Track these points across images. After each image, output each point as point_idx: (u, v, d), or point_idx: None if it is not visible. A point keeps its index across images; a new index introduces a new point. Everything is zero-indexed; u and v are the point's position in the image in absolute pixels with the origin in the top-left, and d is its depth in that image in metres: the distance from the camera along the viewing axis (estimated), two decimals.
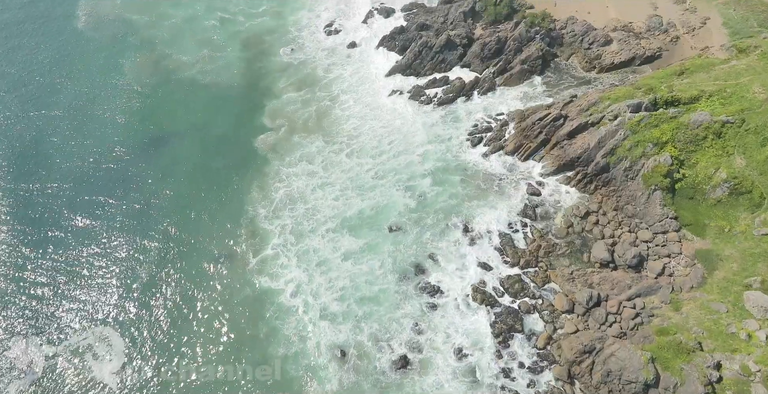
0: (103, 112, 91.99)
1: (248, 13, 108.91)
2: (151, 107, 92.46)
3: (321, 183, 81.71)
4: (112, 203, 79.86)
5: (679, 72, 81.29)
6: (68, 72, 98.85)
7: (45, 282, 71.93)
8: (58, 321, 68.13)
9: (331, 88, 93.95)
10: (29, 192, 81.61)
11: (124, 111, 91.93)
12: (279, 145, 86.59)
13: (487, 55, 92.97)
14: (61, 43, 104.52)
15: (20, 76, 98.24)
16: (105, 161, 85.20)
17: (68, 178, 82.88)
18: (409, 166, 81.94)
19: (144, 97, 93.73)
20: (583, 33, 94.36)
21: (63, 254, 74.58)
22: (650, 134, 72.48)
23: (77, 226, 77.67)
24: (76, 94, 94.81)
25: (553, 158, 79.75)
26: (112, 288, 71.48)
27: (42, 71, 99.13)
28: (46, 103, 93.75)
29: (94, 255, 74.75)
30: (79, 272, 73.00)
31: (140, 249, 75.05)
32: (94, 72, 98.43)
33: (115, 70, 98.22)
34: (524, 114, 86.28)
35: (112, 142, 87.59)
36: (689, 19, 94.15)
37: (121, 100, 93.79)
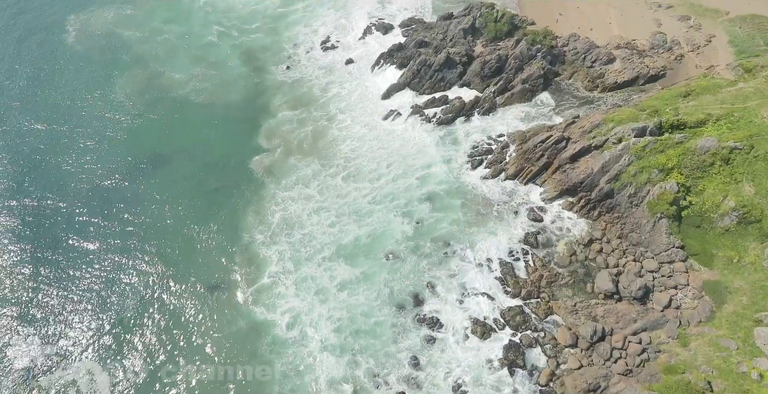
0: (92, 132, 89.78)
1: (243, 28, 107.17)
2: (142, 127, 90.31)
3: (317, 208, 79.66)
4: (102, 226, 77.74)
5: (685, 94, 79.32)
6: (57, 89, 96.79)
7: (30, 306, 69.48)
8: (36, 351, 65.54)
9: (328, 107, 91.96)
10: (10, 214, 78.83)
11: (114, 131, 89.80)
12: (275, 167, 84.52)
13: (487, 73, 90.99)
14: (50, 58, 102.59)
15: (4, 92, 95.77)
16: (94, 183, 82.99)
17: (54, 202, 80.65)
18: (408, 190, 79.82)
19: (135, 116, 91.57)
20: (586, 51, 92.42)
21: (49, 278, 72.27)
22: (656, 160, 70.44)
23: (64, 249, 75.33)
24: (63, 113, 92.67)
25: (555, 183, 77.68)
26: (97, 315, 69.10)
27: (29, 88, 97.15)
28: (30, 122, 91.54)
29: (80, 281, 72.35)
30: (65, 297, 70.72)
31: (129, 276, 72.88)
32: (84, 90, 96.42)
33: (106, 88, 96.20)
34: (525, 135, 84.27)
35: (100, 163, 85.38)
36: (694, 36, 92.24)
37: (111, 119, 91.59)
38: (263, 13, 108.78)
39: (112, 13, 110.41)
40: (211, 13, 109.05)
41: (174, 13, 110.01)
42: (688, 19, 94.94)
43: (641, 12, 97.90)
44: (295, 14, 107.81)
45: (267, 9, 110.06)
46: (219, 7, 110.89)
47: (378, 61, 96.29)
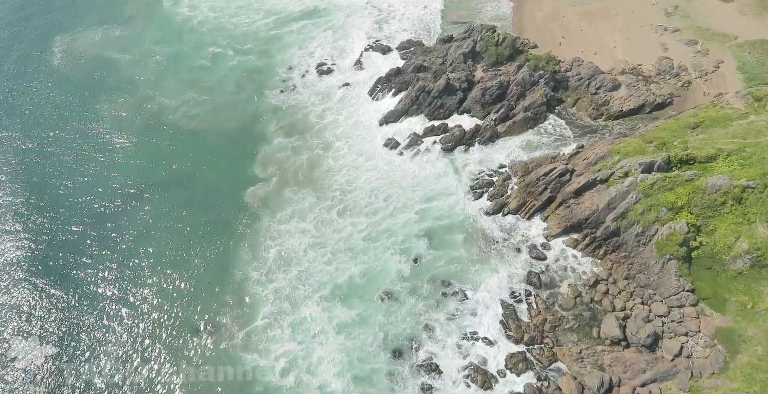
0: (76, 160, 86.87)
1: (237, 49, 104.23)
2: (130, 155, 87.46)
3: (313, 243, 76.83)
4: (83, 264, 74.63)
5: (693, 125, 76.59)
6: (40, 115, 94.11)
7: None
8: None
9: (323, 134, 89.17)
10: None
11: (99, 160, 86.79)
12: (270, 199, 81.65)
13: (488, 100, 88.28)
14: (35, 82, 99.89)
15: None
16: (76, 216, 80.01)
17: (32, 238, 77.51)
18: (406, 225, 77.05)
19: (122, 144, 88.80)
20: (590, 77, 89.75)
21: (27, 322, 68.97)
22: (664, 198, 67.66)
23: (42, 292, 72.13)
24: (46, 141, 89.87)
25: (559, 219, 74.86)
26: (75, 365, 65.81)
27: (11, 113, 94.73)
28: (9, 151, 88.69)
29: (59, 323, 69.32)
30: (43, 344, 67.31)
31: (111, 318, 69.76)
32: (69, 116, 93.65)
33: (93, 114, 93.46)
34: (528, 167, 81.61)
35: (82, 193, 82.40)
36: (701, 62, 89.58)
37: (97, 147, 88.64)
38: (256, 35, 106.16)
39: (100, 34, 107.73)
40: (206, 34, 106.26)
41: (165, 34, 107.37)
42: (696, 44, 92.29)
43: (647, 35, 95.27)
44: (289, 36, 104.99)
45: (260, 30, 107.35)
46: (212, 26, 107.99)
47: (375, 86, 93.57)
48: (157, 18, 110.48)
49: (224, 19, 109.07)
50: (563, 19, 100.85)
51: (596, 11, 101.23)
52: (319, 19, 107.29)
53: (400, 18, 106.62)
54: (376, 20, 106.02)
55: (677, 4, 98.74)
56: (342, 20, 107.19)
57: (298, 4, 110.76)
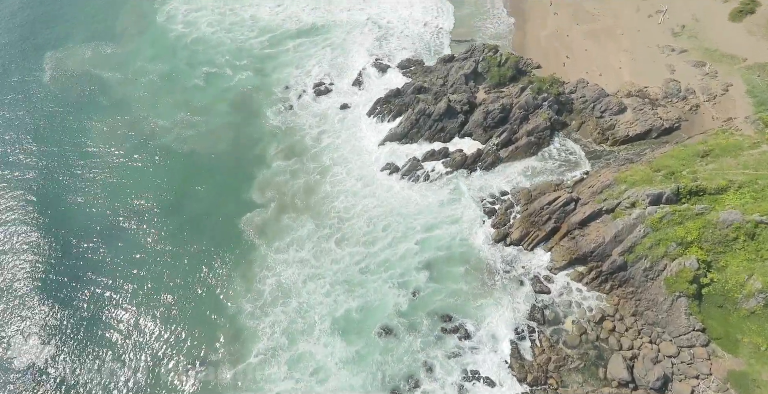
0: (65, 184, 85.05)
1: (233, 69, 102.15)
2: (121, 179, 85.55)
3: (312, 274, 74.78)
4: (66, 298, 72.63)
5: (703, 153, 74.42)
6: (28, 135, 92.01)
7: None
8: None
9: (321, 158, 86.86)
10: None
11: (87, 183, 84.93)
12: (268, 227, 79.49)
13: (490, 124, 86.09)
14: (24, 100, 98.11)
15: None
16: (63, 245, 78.11)
17: (13, 262, 75.01)
18: (405, 257, 74.89)
19: (113, 167, 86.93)
20: (595, 99, 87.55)
21: (13, 364, 66.67)
22: (673, 233, 65.40)
23: (22, 333, 69.66)
24: (32, 162, 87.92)
25: (563, 251, 72.60)
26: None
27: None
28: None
29: (39, 364, 66.80)
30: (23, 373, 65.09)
31: (92, 357, 67.31)
32: (57, 137, 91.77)
33: (82, 135, 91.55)
34: (531, 194, 79.39)
35: (72, 220, 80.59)
36: (710, 84, 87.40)
37: (85, 170, 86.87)
38: (251, 53, 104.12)
39: (91, 51, 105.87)
40: (200, 52, 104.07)
41: (158, 51, 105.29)
42: (703, 66, 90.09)
43: (653, 56, 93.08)
44: (286, 54, 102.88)
45: (255, 48, 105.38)
46: (207, 44, 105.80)
47: (374, 107, 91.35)
48: (150, 34, 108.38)
49: (219, 36, 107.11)
50: (567, 38, 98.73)
51: (601, 30, 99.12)
52: (317, 36, 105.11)
53: (400, 36, 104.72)
54: (376, 37, 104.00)
55: (684, 23, 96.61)
56: (341, 38, 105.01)
57: (294, 22, 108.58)
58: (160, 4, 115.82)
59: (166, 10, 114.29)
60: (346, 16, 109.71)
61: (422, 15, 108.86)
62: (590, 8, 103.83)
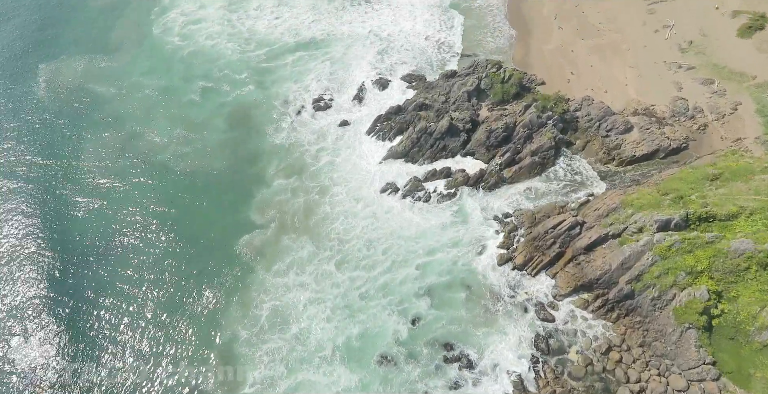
0: (55, 202, 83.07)
1: (230, 83, 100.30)
2: (113, 198, 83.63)
3: (313, 298, 72.74)
4: (53, 323, 70.47)
5: (712, 177, 72.65)
6: (20, 151, 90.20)
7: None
8: None
9: (319, 177, 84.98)
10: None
11: (79, 202, 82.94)
12: (267, 249, 77.35)
13: (493, 143, 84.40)
14: (18, 112, 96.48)
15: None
16: (48, 264, 76.04)
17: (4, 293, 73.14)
18: (405, 282, 73.13)
19: (106, 185, 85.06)
20: (601, 118, 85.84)
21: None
22: (683, 261, 63.65)
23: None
24: (26, 180, 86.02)
25: (568, 277, 70.84)
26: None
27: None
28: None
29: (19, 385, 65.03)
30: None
31: (79, 380, 65.27)
32: (52, 154, 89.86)
33: (75, 151, 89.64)
34: (535, 217, 77.58)
35: (60, 239, 78.62)
36: (718, 103, 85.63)
37: (77, 187, 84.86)
38: (249, 67, 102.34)
39: (84, 64, 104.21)
40: (196, 66, 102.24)
41: (153, 65, 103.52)
42: (712, 83, 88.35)
43: (660, 73, 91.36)
44: (284, 69, 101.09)
45: (253, 62, 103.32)
46: (204, 58, 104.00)
47: (374, 125, 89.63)
48: (145, 47, 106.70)
49: (217, 49, 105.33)
50: (572, 53, 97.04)
51: (606, 45, 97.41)
52: (316, 50, 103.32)
53: (401, 49, 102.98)
54: (377, 51, 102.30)
55: (691, 39, 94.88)
56: (341, 51, 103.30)
57: (293, 35, 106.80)
58: (157, 15, 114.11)
59: (163, 21, 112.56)
60: (347, 28, 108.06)
61: (424, 28, 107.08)
62: (595, 22, 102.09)
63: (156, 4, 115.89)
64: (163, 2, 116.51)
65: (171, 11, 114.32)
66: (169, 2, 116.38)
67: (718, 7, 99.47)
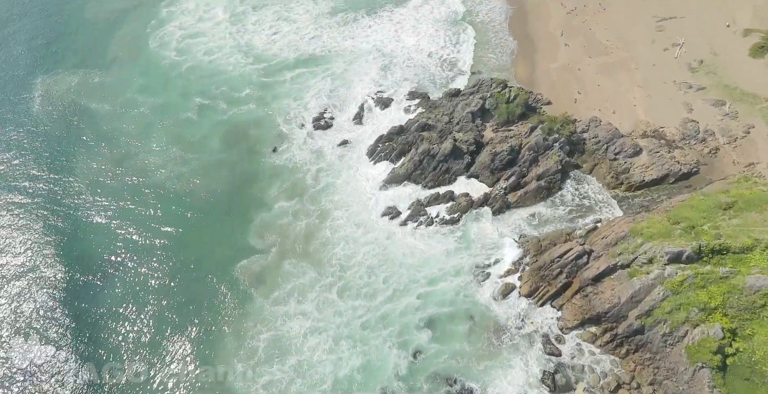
0: (45, 223, 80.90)
1: (228, 101, 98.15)
2: (106, 219, 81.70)
3: (314, 328, 70.71)
4: (44, 349, 68.12)
5: (725, 205, 70.51)
6: (13, 170, 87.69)
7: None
8: None
9: (320, 200, 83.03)
10: None
11: (71, 223, 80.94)
12: (266, 275, 75.27)
13: (498, 166, 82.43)
14: (11, 128, 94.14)
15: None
16: (32, 293, 73.68)
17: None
18: (405, 313, 71.22)
19: (98, 205, 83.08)
20: (608, 140, 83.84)
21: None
22: (696, 297, 61.59)
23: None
24: (15, 198, 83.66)
25: (575, 309, 68.70)
26: None
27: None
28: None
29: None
30: None
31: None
32: (42, 172, 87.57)
33: (68, 171, 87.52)
34: (540, 244, 75.54)
35: (48, 262, 76.36)
36: (730, 126, 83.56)
37: (69, 208, 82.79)
38: (247, 83, 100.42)
39: (77, 79, 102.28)
40: (194, 82, 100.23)
41: (150, 81, 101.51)
42: (723, 105, 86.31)
43: (669, 93, 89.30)
44: (283, 86, 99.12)
45: (251, 79, 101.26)
46: (202, 73, 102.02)
47: (376, 145, 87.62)
48: (141, 62, 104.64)
49: (214, 65, 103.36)
50: (579, 71, 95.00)
51: (614, 64, 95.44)
52: (316, 67, 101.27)
53: (404, 66, 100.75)
54: (380, 68, 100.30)
55: (702, 58, 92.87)
56: (342, 68, 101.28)
57: (292, 51, 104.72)
58: (154, 28, 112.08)
59: (159, 35, 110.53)
60: (349, 44, 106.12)
61: (429, 44, 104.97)
62: (603, 39, 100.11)
63: (153, 17, 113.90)
64: (160, 15, 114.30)
65: (168, 24, 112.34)
66: (166, 15, 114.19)
67: (729, 25, 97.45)
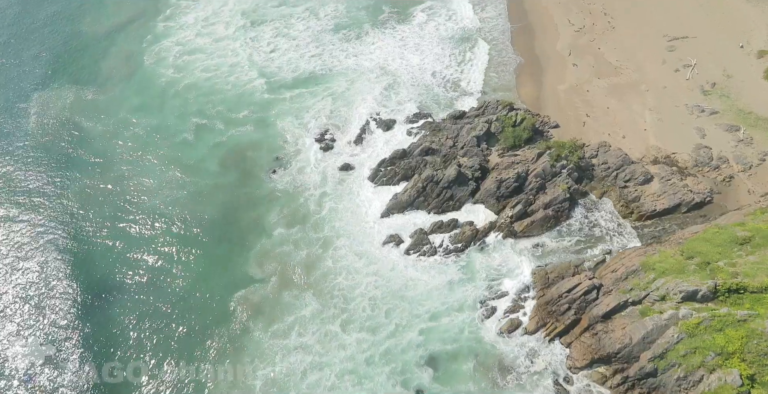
0: (26, 250, 77.94)
1: (225, 122, 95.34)
2: (96, 247, 78.54)
3: (315, 363, 67.62)
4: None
5: (741, 240, 68.07)
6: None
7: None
8: None
9: (323, 228, 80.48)
10: None
11: (58, 250, 77.90)
12: (265, 306, 72.56)
13: (504, 193, 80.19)
14: (6, 146, 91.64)
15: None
16: (22, 323, 71.08)
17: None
18: (407, 350, 68.75)
19: (88, 233, 79.62)
20: (618, 167, 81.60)
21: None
22: (712, 341, 59.16)
23: None
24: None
25: (584, 348, 66.24)
26: None
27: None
28: None
29: None
30: None
31: None
32: (33, 194, 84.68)
33: (61, 196, 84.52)
34: (548, 277, 73.20)
35: (31, 296, 73.65)
36: (744, 152, 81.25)
37: (57, 233, 79.66)
38: (245, 103, 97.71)
39: (72, 96, 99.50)
40: (191, 101, 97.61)
41: (144, 100, 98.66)
42: (737, 130, 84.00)
43: (681, 117, 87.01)
44: (282, 105, 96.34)
45: (249, 98, 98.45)
46: (199, 92, 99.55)
47: (378, 170, 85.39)
48: (136, 80, 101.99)
49: (212, 83, 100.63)
50: (587, 93, 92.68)
51: (624, 85, 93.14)
52: (317, 86, 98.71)
53: (408, 86, 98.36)
54: (383, 88, 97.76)
55: (715, 80, 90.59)
56: (344, 87, 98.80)
57: (290, 70, 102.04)
58: (150, 43, 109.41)
59: (156, 50, 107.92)
60: (352, 62, 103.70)
61: (433, 63, 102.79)
62: (612, 60, 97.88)
63: (149, 32, 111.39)
64: (156, 30, 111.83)
65: (165, 40, 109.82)
66: (163, 30, 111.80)
67: (742, 46, 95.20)
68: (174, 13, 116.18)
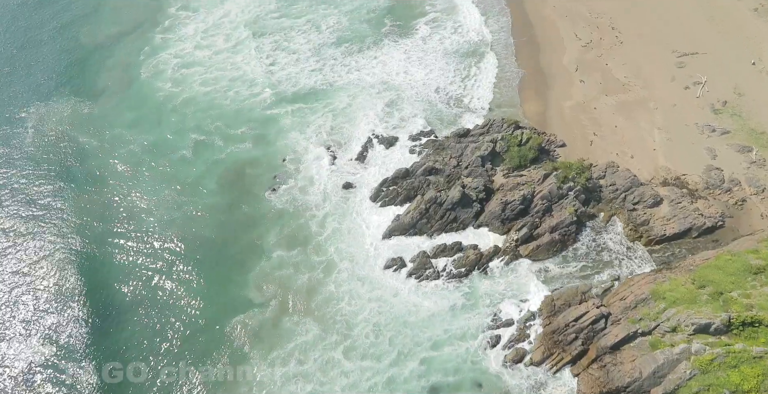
0: (13, 271, 75.86)
1: (226, 136, 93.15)
2: (88, 271, 76.45)
3: (317, 392, 65.95)
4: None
5: (755, 270, 66.10)
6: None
7: None
8: None
9: (325, 250, 78.61)
10: None
11: (48, 274, 76.07)
12: (264, 332, 70.63)
13: (509, 216, 78.36)
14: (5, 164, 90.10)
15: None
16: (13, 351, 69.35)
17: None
18: (409, 380, 67.01)
19: (81, 255, 77.77)
20: (627, 188, 79.77)
21: None
22: (726, 378, 57.32)
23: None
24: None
25: (592, 381, 64.42)
26: None
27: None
28: None
29: None
30: None
31: None
32: (25, 211, 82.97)
33: (53, 216, 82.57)
34: (554, 304, 71.33)
35: (24, 321, 72.10)
36: (757, 175, 79.40)
37: (46, 255, 77.82)
38: (244, 119, 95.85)
39: (69, 110, 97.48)
40: (189, 116, 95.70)
41: (140, 116, 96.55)
42: (750, 151, 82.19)
43: (691, 137, 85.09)
44: (283, 121, 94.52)
45: (249, 113, 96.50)
46: (198, 107, 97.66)
47: (380, 190, 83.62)
48: (133, 94, 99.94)
49: (211, 97, 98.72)
50: (595, 111, 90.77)
51: (632, 103, 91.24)
52: (316, 102, 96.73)
53: (411, 102, 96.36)
54: (385, 104, 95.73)
55: (726, 98, 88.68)
56: (345, 102, 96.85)
57: (291, 84, 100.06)
58: (147, 56, 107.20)
59: (153, 63, 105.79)
60: (354, 76, 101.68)
61: (437, 78, 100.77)
62: (620, 76, 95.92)
63: (146, 44, 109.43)
64: (153, 42, 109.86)
65: (162, 52, 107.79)
66: (161, 42, 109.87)
67: (754, 62, 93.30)
68: (173, 25, 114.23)
